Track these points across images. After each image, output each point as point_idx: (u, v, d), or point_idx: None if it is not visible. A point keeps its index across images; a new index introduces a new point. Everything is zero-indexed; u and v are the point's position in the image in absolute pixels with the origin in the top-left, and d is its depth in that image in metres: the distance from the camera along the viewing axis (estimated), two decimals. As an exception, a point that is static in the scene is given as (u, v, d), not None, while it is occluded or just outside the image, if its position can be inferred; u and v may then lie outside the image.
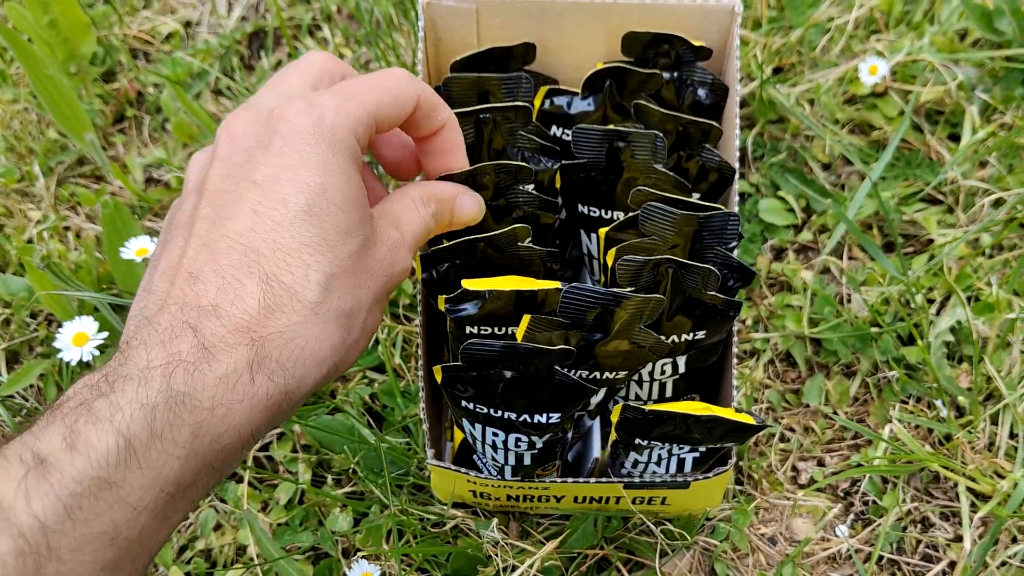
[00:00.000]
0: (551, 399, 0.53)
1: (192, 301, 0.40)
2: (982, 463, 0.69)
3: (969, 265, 0.78)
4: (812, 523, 0.69)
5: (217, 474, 0.40)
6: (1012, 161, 0.84)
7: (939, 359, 0.73)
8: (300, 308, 0.41)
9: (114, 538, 0.36)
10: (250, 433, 0.40)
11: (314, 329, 0.42)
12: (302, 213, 0.42)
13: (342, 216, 0.43)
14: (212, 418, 0.38)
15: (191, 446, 0.38)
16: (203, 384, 0.39)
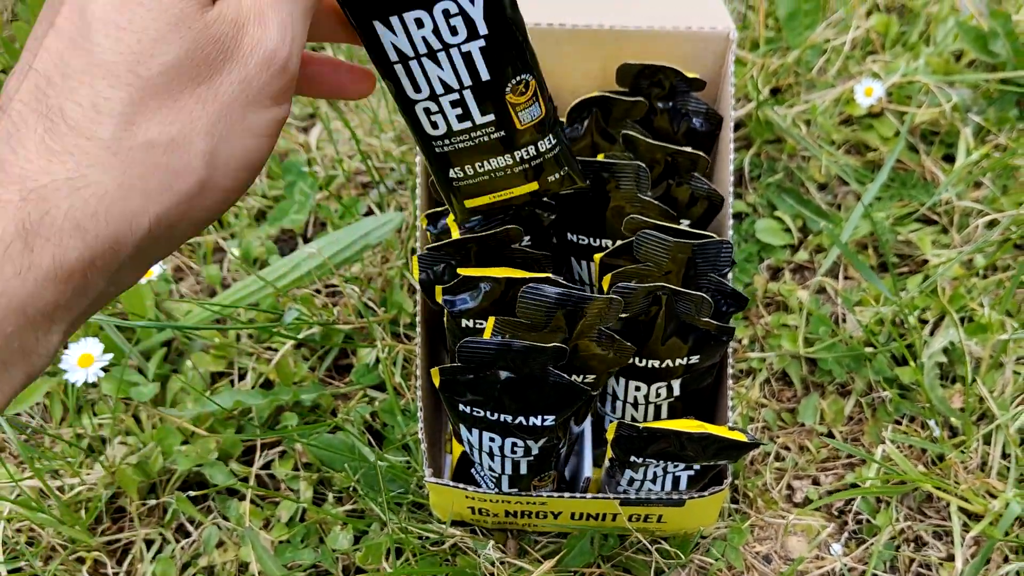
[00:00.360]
0: (546, 400, 0.54)
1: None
2: (974, 483, 0.70)
3: (963, 285, 0.79)
4: (806, 542, 0.70)
5: (13, 368, 0.33)
6: (1006, 182, 0.85)
7: (932, 380, 0.74)
8: (91, 148, 0.33)
9: None
10: (45, 314, 0.33)
11: (113, 173, 0.33)
12: (96, 22, 0.33)
13: (150, 16, 0.33)
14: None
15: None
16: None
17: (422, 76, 0.46)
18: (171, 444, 0.73)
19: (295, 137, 0.95)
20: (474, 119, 0.48)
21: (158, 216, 0.34)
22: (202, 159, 0.35)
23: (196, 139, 0.34)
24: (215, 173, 0.35)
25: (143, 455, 0.73)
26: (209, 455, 0.73)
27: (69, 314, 0.34)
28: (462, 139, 0.49)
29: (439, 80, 0.46)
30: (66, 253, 0.32)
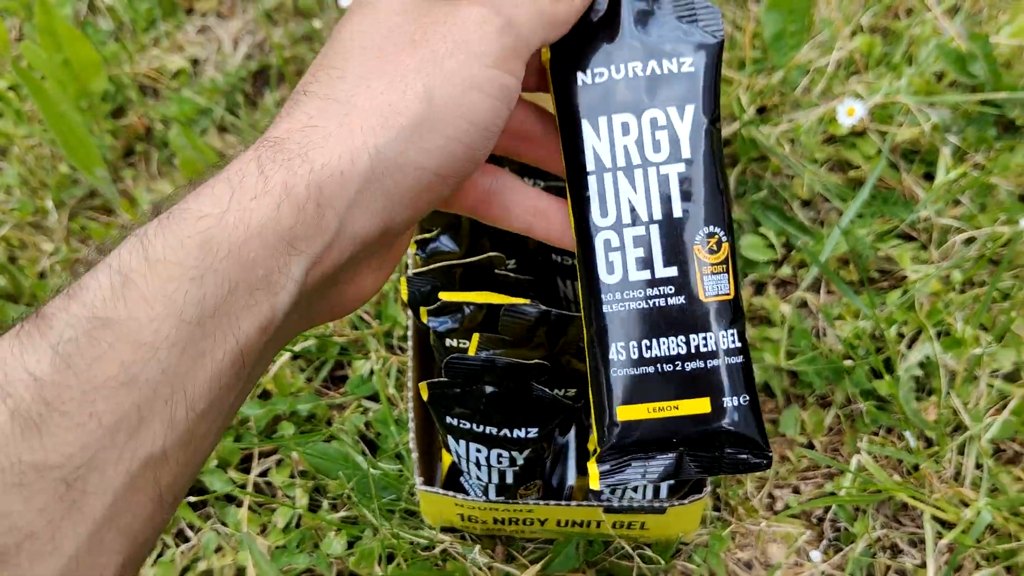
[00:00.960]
0: (529, 413, 0.57)
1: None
2: (948, 492, 0.72)
3: (940, 300, 0.81)
4: (786, 548, 0.72)
5: (259, 294, 0.35)
6: (983, 200, 0.87)
7: (907, 392, 0.76)
8: (325, 105, 0.38)
9: (127, 381, 0.31)
10: (283, 239, 0.35)
11: (339, 119, 0.38)
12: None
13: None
14: (221, 225, 0.34)
15: (204, 263, 0.33)
16: (201, 191, 0.35)
17: (614, 195, 0.42)
18: (172, 452, 0.75)
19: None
20: (654, 268, 0.42)
21: (377, 148, 0.37)
22: (416, 95, 0.38)
23: (411, 78, 0.38)
24: (432, 112, 0.38)
25: (145, 463, 0.75)
26: (208, 463, 0.75)
27: (308, 247, 0.36)
28: (635, 295, 0.42)
29: (628, 204, 0.42)
30: (295, 178, 0.35)
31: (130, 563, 0.33)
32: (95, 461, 0.31)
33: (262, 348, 0.35)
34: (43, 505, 0.30)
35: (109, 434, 0.31)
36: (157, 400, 0.32)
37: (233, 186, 0.35)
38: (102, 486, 0.31)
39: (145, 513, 0.32)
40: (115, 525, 0.31)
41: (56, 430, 0.30)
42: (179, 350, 0.32)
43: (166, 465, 0.33)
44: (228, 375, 0.34)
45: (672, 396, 0.42)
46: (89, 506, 0.31)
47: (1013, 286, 0.81)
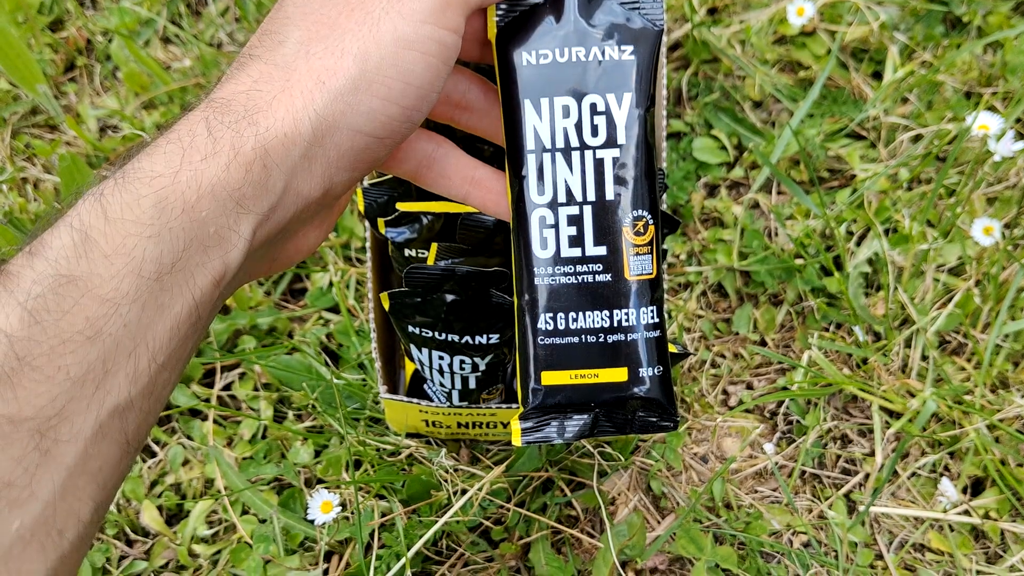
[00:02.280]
0: (490, 320, 0.58)
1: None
2: (895, 384, 0.75)
3: (888, 198, 0.83)
4: (740, 442, 0.75)
5: (212, 251, 0.36)
6: (931, 98, 0.88)
7: (856, 289, 0.78)
8: (266, 68, 0.39)
9: (92, 336, 0.33)
10: (233, 198, 0.36)
11: (280, 83, 0.39)
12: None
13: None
14: (175, 184, 0.35)
15: (160, 221, 0.35)
16: (153, 151, 0.36)
17: (551, 175, 0.44)
18: (133, 369, 0.75)
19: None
20: (585, 246, 0.44)
21: (316, 112, 0.38)
22: (352, 58, 0.38)
23: (347, 41, 0.39)
24: (367, 74, 0.38)
25: (107, 380, 0.75)
26: (171, 379, 0.75)
27: (256, 206, 0.37)
28: (566, 271, 0.44)
29: (565, 185, 0.43)
30: (243, 140, 0.37)
31: (101, 507, 0.35)
32: (66, 412, 0.33)
33: (215, 300, 0.37)
34: (19, 455, 0.32)
35: (77, 386, 0.33)
36: (121, 353, 0.34)
37: (184, 146, 0.36)
38: (73, 435, 0.33)
39: (113, 459, 0.34)
40: (86, 471, 0.33)
41: (28, 383, 0.32)
42: (140, 305, 0.34)
43: (131, 413, 0.35)
44: (185, 327, 0.36)
45: (594, 365, 0.44)
46: (62, 454, 0.33)
47: (958, 182, 0.83)
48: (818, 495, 0.73)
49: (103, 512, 0.35)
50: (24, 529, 0.32)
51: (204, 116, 0.37)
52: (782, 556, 0.70)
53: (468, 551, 0.69)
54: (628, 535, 0.68)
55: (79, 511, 0.33)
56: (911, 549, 0.70)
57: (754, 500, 0.72)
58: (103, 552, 0.70)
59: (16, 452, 0.32)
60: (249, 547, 0.69)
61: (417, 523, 0.68)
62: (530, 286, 0.45)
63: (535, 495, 0.71)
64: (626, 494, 0.72)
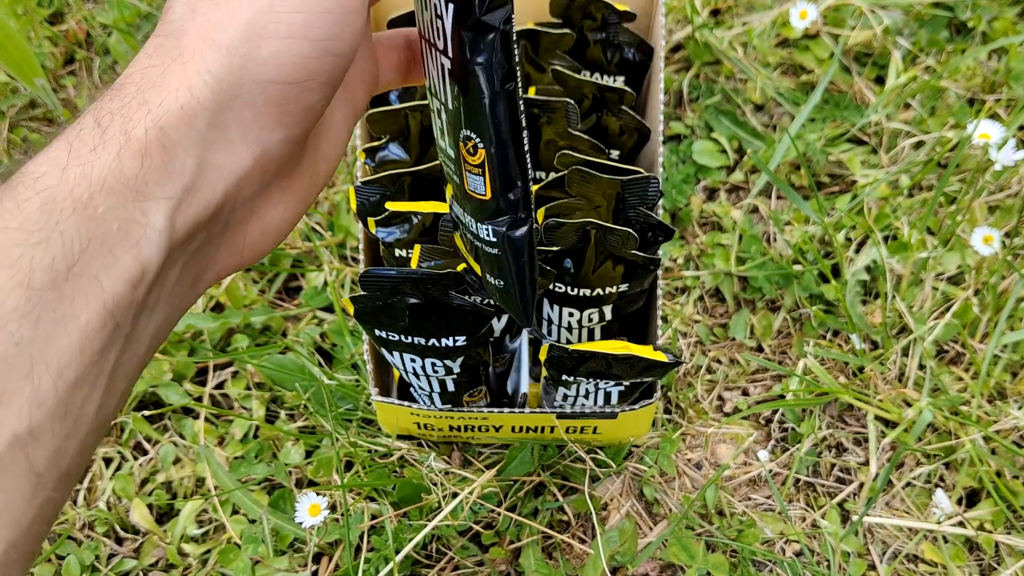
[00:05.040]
0: (451, 322, 0.57)
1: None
2: (891, 393, 0.74)
3: (888, 205, 0.82)
4: (734, 449, 0.74)
5: (118, 249, 0.32)
6: (933, 104, 0.88)
7: (853, 296, 0.78)
8: (161, 42, 0.35)
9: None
10: (131, 187, 0.32)
11: (174, 53, 0.34)
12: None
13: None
14: (62, 182, 0.31)
15: (48, 224, 0.31)
16: (39, 153, 0.33)
17: (427, 66, 0.41)
18: (126, 366, 0.75)
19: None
20: (443, 144, 0.43)
21: (211, 73, 0.33)
22: (239, 5, 0.34)
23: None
24: (259, 16, 0.34)
25: (99, 377, 0.75)
26: (163, 376, 0.75)
27: (163, 191, 0.33)
28: (442, 157, 0.45)
29: (433, 80, 0.41)
30: (132, 123, 0.33)
31: (13, 546, 0.31)
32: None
33: (139, 303, 0.33)
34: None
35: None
36: (14, 374, 0.30)
37: (70, 142, 0.32)
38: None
39: (21, 493, 0.30)
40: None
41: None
42: (32, 320, 0.30)
43: (37, 442, 0.30)
44: (99, 338, 0.31)
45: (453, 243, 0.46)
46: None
47: (959, 190, 0.82)
48: (812, 504, 0.72)
49: (25, 550, 0.31)
50: None
51: (93, 108, 0.33)
52: (774, 565, 0.69)
53: (458, 555, 0.68)
54: (619, 541, 0.68)
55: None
56: (904, 560, 0.69)
57: (747, 508, 0.72)
58: (92, 550, 0.70)
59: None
60: (238, 547, 0.69)
61: (407, 526, 0.68)
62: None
63: (526, 499, 0.70)
64: (618, 500, 0.72)
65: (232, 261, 0.38)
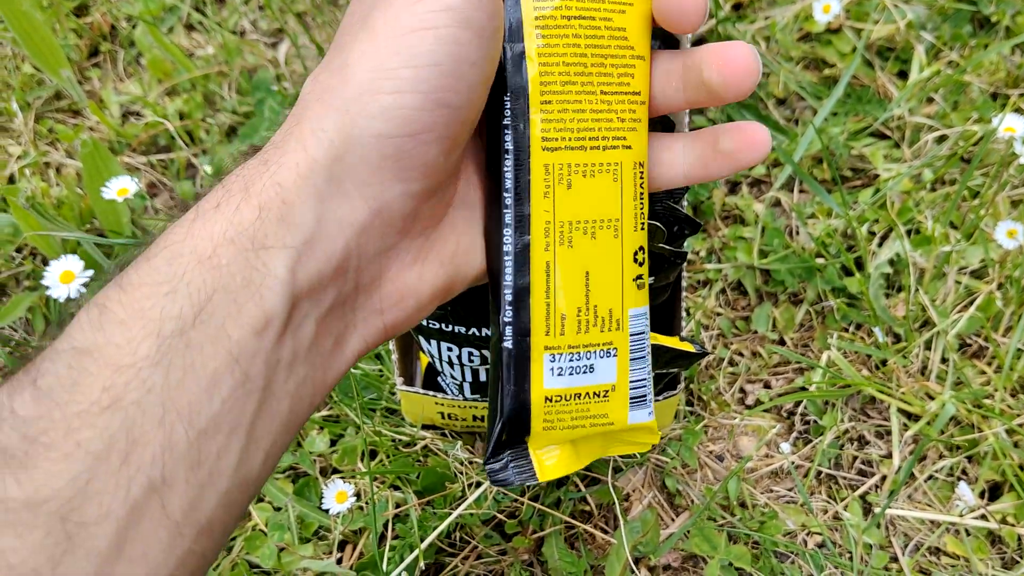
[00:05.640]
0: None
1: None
2: (914, 386, 0.74)
3: (911, 199, 0.82)
4: (756, 441, 0.75)
5: (242, 298, 0.33)
6: (956, 98, 0.88)
7: (877, 289, 0.78)
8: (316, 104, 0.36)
9: (110, 405, 0.30)
10: (249, 239, 0.33)
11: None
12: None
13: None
14: (188, 238, 0.33)
15: (175, 276, 0.32)
16: (173, 224, 0.35)
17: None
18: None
19: (264, 53, 0.96)
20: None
21: (327, 132, 0.35)
22: (350, 67, 0.35)
23: (347, 50, 0.36)
24: (369, 74, 0.35)
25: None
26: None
27: (282, 240, 0.33)
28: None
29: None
30: (252, 180, 0.34)
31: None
32: (89, 491, 0.29)
33: (268, 354, 0.33)
34: (39, 542, 0.28)
35: (100, 461, 0.29)
36: (147, 421, 0.30)
37: (198, 207, 0.34)
38: (101, 516, 0.29)
39: (158, 543, 0.30)
40: (124, 557, 0.30)
41: (42, 463, 0.29)
42: (164, 368, 0.31)
43: (172, 490, 0.30)
44: (227, 386, 0.32)
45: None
46: (90, 538, 0.29)
47: (983, 184, 0.82)
48: (834, 496, 0.72)
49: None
50: None
51: (225, 178, 0.35)
52: (796, 556, 0.70)
53: (481, 544, 0.69)
54: (642, 531, 0.68)
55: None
56: (926, 552, 0.70)
57: (769, 500, 0.72)
58: (119, 536, 0.71)
59: (36, 539, 0.28)
60: (264, 535, 0.69)
61: (431, 515, 0.68)
62: None
63: (549, 490, 0.71)
64: (640, 491, 0.72)
65: (375, 325, 0.38)
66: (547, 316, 0.40)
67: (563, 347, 0.41)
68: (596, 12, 0.40)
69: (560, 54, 0.39)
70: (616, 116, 0.40)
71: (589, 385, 0.42)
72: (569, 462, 0.43)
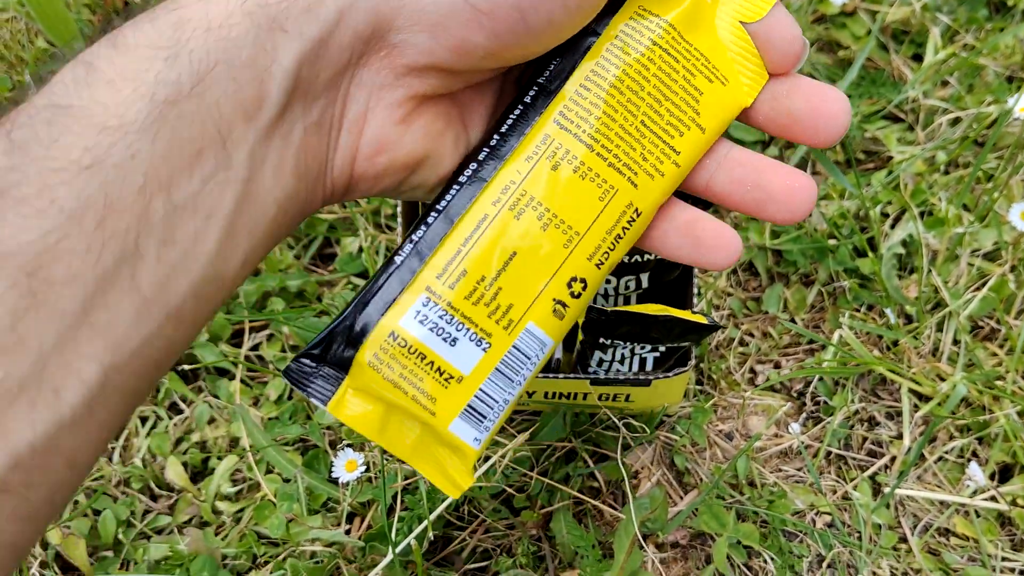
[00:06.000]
0: None
1: None
2: (925, 367, 0.74)
3: (924, 181, 0.82)
4: (766, 420, 0.75)
5: (242, 76, 0.31)
6: (971, 81, 0.87)
7: (889, 270, 0.77)
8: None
9: (90, 165, 0.29)
10: (267, 15, 0.31)
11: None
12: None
13: None
14: (199, 3, 0.31)
15: (178, 41, 0.30)
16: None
17: None
18: (163, 327, 0.76)
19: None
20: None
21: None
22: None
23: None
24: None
25: (136, 337, 0.76)
26: (199, 336, 0.76)
27: (301, 29, 0.32)
28: None
29: None
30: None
31: (112, 371, 0.29)
32: (59, 250, 0.28)
33: (254, 146, 0.32)
34: (1, 294, 0.27)
35: (73, 221, 0.28)
36: (127, 187, 0.29)
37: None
38: (69, 277, 0.28)
39: (125, 314, 0.29)
40: (88, 322, 0.28)
41: (12, 217, 0.27)
42: (151, 135, 0.29)
43: (144, 264, 0.29)
44: (209, 166, 0.30)
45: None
46: (56, 298, 0.28)
47: (997, 167, 0.82)
48: (843, 476, 0.72)
49: (126, 382, 0.30)
50: (10, 380, 0.27)
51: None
52: (805, 535, 0.69)
53: (489, 518, 0.69)
54: (650, 508, 0.68)
55: (81, 370, 0.28)
56: (935, 533, 0.69)
57: (778, 479, 0.72)
58: (127, 506, 0.71)
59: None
60: (273, 505, 0.69)
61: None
62: None
63: (558, 465, 0.71)
64: (649, 468, 0.72)
65: (345, 168, 0.36)
66: (450, 260, 0.37)
67: (443, 299, 0.36)
68: (685, 61, 0.39)
69: (626, 63, 0.38)
70: (641, 152, 0.38)
71: (440, 357, 0.36)
72: (369, 425, 0.37)
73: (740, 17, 0.39)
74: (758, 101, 0.40)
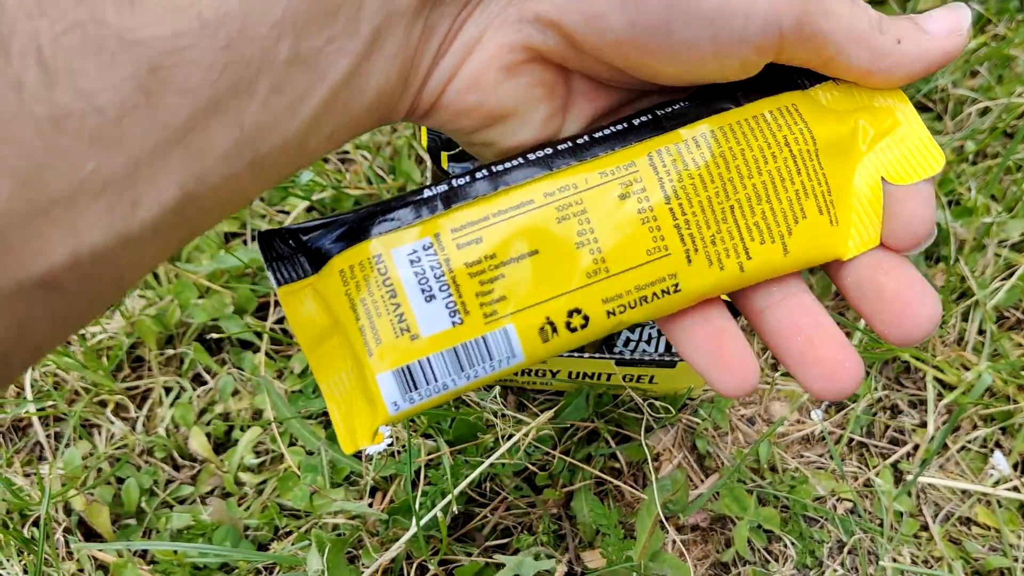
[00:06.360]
0: None
1: None
2: (950, 355, 0.74)
3: (953, 171, 0.82)
4: (788, 406, 0.74)
5: (301, 76, 0.29)
6: (1001, 71, 0.87)
7: (916, 258, 0.77)
8: None
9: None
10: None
11: None
12: None
13: None
14: None
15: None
16: None
17: None
18: (188, 298, 0.76)
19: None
20: None
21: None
22: None
23: None
24: None
25: (161, 308, 0.76)
26: (225, 309, 0.76)
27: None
28: None
29: None
30: None
31: (189, 199, 0.27)
32: (184, 57, 0.26)
33: (381, 23, 0.31)
34: (118, 81, 0.25)
35: (206, 32, 0.26)
36: (265, 17, 0.27)
37: None
38: (184, 88, 0.26)
39: (219, 147, 0.28)
40: (185, 143, 0.27)
41: (151, 7, 0.25)
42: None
43: (251, 101, 0.28)
44: (339, 27, 0.29)
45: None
46: (166, 105, 0.26)
47: (1026, 158, 0.81)
48: (865, 463, 0.72)
49: (190, 213, 0.28)
50: (98, 176, 0.25)
51: None
52: (825, 521, 0.69)
53: (511, 495, 0.69)
54: (672, 490, 0.68)
55: (162, 190, 0.26)
56: (957, 522, 0.69)
57: (800, 464, 0.72)
58: (151, 475, 0.71)
59: (116, 77, 0.25)
60: (296, 477, 0.69)
61: (463, 463, 0.68)
62: None
63: (580, 445, 0.71)
64: (671, 451, 0.72)
65: (440, 82, 0.35)
66: (473, 222, 0.34)
67: (444, 253, 0.34)
68: (806, 179, 0.35)
69: (749, 145, 0.35)
70: (712, 234, 0.35)
71: (409, 305, 0.33)
72: (308, 332, 0.35)
73: (885, 173, 0.36)
74: (854, 263, 0.36)
